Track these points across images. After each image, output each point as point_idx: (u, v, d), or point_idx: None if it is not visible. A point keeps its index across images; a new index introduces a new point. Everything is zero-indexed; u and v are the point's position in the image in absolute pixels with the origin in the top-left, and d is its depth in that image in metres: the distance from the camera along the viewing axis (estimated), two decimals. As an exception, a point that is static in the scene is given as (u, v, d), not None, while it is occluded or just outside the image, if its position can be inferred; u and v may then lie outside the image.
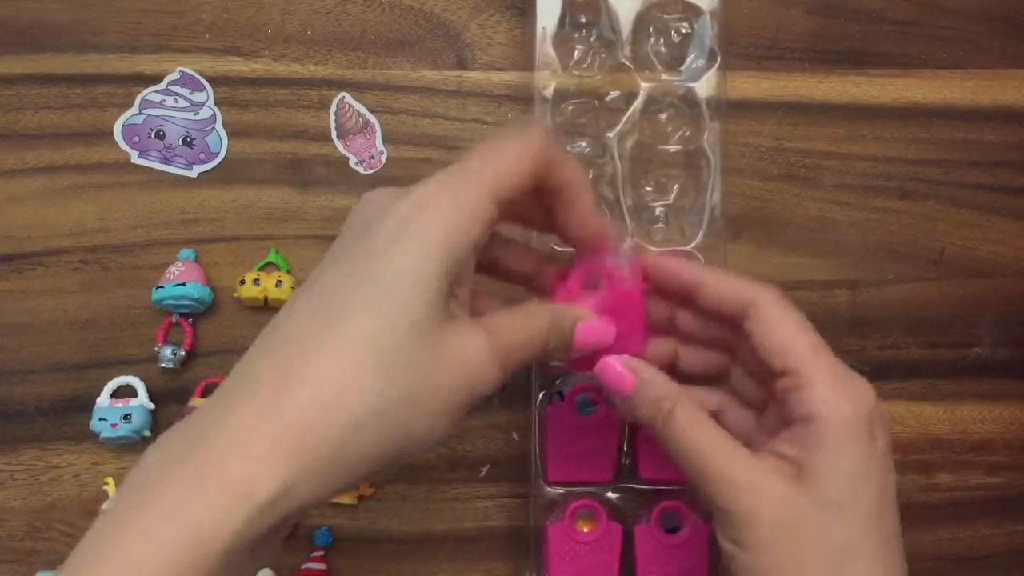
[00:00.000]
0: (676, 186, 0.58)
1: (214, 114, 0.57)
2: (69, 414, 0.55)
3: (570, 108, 0.57)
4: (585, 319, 0.40)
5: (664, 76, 0.57)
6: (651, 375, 0.40)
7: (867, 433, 0.36)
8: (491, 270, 0.42)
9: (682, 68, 0.58)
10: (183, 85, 0.57)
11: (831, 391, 0.36)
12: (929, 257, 0.60)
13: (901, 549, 0.36)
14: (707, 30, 0.57)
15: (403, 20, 0.58)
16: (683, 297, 0.42)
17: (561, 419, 0.53)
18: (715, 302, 0.40)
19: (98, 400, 0.54)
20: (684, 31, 0.58)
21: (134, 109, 0.57)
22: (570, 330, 0.39)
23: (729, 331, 0.42)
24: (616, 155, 0.57)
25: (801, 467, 0.35)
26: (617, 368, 0.40)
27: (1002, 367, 0.60)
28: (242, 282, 0.55)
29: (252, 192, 0.57)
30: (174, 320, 0.55)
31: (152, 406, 0.55)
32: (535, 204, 0.39)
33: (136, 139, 0.57)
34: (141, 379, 0.55)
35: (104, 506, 0.54)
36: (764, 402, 0.42)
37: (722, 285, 0.40)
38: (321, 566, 0.54)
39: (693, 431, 0.38)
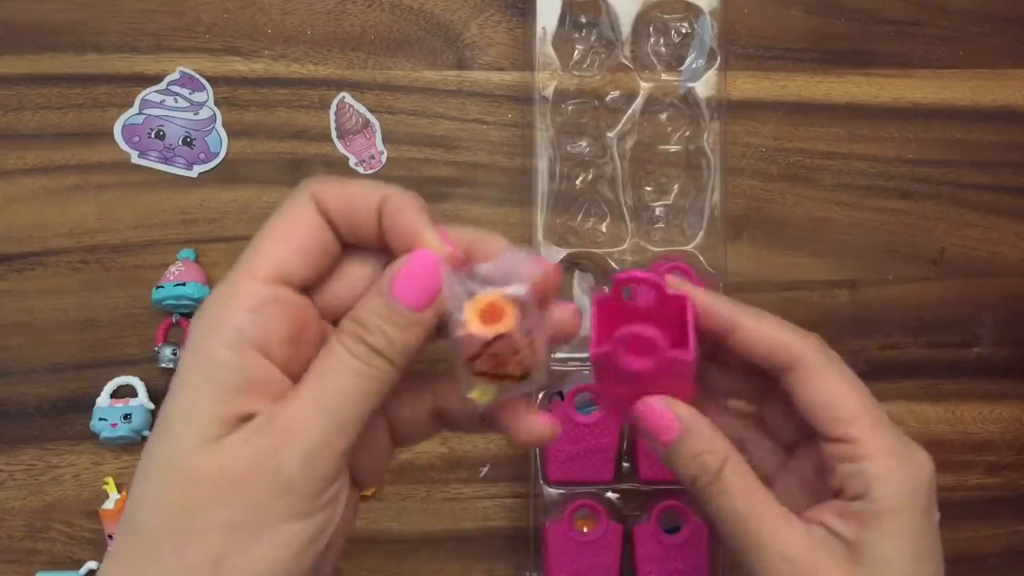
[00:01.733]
0: (676, 186, 0.58)
1: (214, 114, 0.57)
2: (69, 414, 0.55)
3: (570, 108, 0.57)
4: (396, 266, 0.29)
5: (664, 76, 0.57)
6: (698, 424, 0.34)
7: (925, 511, 0.33)
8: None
9: (682, 68, 0.58)
10: (183, 85, 0.57)
11: (889, 466, 0.32)
12: (929, 257, 0.60)
13: None
14: (707, 30, 0.57)
15: (403, 20, 0.58)
16: (712, 340, 0.35)
17: (561, 419, 0.53)
18: (750, 350, 0.34)
19: (98, 400, 0.54)
20: (684, 31, 0.58)
21: (134, 109, 0.57)
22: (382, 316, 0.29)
23: (760, 381, 0.36)
24: (616, 155, 0.57)
25: (854, 549, 0.32)
26: (660, 410, 0.34)
27: (1002, 367, 0.60)
28: (242, 282, 0.54)
29: (252, 192, 0.57)
30: (174, 320, 0.55)
31: (152, 406, 0.55)
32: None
33: (136, 139, 0.57)
34: (141, 379, 0.55)
35: (104, 506, 0.54)
36: (796, 443, 0.37)
37: (761, 331, 0.34)
38: (321, 566, 0.54)
39: (743, 498, 0.33)
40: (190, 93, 0.57)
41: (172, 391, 0.28)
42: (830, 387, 0.33)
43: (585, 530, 0.53)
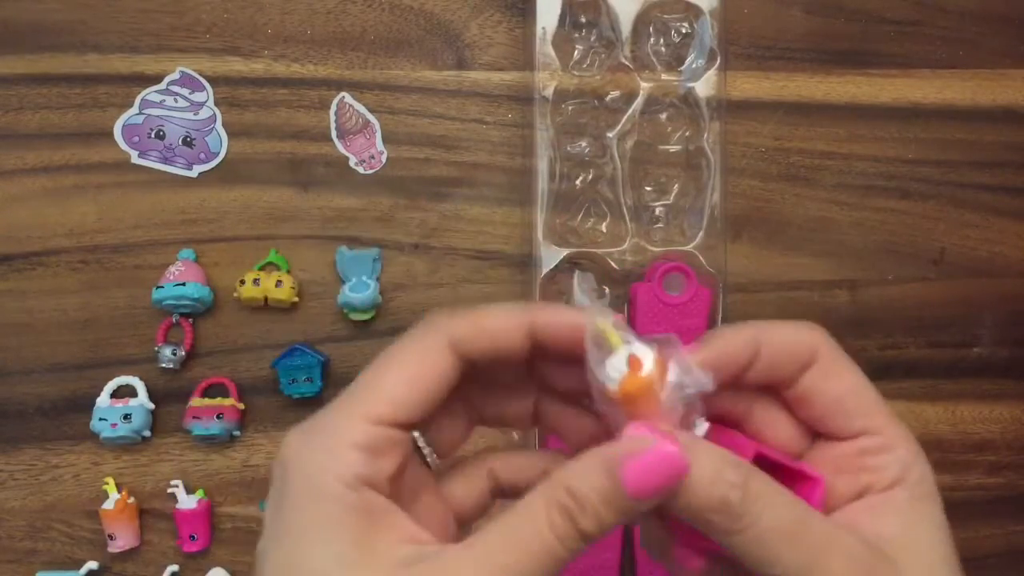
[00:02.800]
0: (676, 186, 0.58)
1: (214, 114, 0.57)
2: (69, 414, 0.55)
3: (570, 108, 0.57)
4: (636, 449, 0.26)
5: (664, 76, 0.57)
6: (694, 441, 0.28)
7: (936, 493, 0.31)
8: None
9: (682, 68, 0.58)
10: (183, 85, 0.57)
11: (914, 451, 0.30)
12: (929, 257, 0.60)
13: None
14: (707, 30, 0.57)
15: (403, 20, 0.58)
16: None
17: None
18: (769, 361, 0.30)
19: (98, 400, 0.54)
20: (684, 31, 0.58)
21: (134, 109, 0.57)
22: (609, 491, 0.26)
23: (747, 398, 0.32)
24: (616, 155, 0.57)
25: (886, 544, 0.29)
26: (662, 449, 0.26)
27: (1002, 367, 0.60)
28: (242, 282, 0.55)
29: (252, 192, 0.57)
30: (174, 320, 0.55)
31: (152, 406, 0.55)
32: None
33: (136, 139, 0.57)
34: (141, 379, 0.55)
35: (104, 506, 0.54)
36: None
37: (777, 335, 0.30)
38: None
39: (787, 510, 0.27)
40: (190, 93, 0.57)
41: (289, 535, 0.26)
42: (850, 377, 0.31)
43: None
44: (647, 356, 0.27)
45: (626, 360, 0.26)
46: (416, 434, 0.30)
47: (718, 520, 0.26)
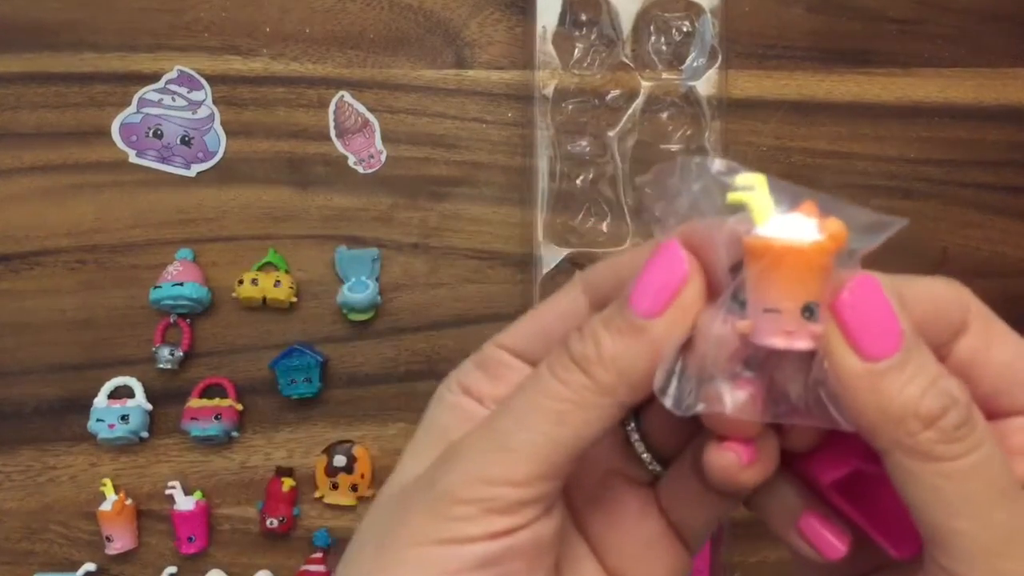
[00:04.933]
0: (677, 185, 0.57)
1: (212, 113, 0.57)
2: (66, 415, 0.55)
3: (570, 107, 0.57)
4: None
5: (665, 75, 0.57)
6: (928, 352, 0.22)
7: None
8: None
9: (683, 67, 0.57)
10: (181, 84, 0.57)
11: None
12: (931, 257, 0.59)
13: None
14: (708, 28, 0.56)
15: (402, 18, 0.58)
16: None
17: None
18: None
19: (95, 401, 0.54)
20: (685, 29, 0.57)
21: (132, 108, 0.56)
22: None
23: None
24: (617, 154, 0.56)
25: None
26: (879, 301, 0.22)
27: (1005, 367, 0.59)
28: (240, 282, 0.54)
29: (251, 192, 0.57)
30: (172, 320, 0.55)
31: (150, 407, 0.54)
32: None
33: (134, 138, 0.56)
34: (139, 379, 0.55)
35: (101, 507, 0.53)
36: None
37: (923, 293, 0.24)
38: (320, 567, 0.54)
39: (998, 465, 0.21)
40: (188, 92, 0.57)
41: None
42: (1015, 340, 0.25)
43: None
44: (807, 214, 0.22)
45: (812, 222, 0.21)
46: (631, 427, 0.25)
47: (921, 437, 0.20)
